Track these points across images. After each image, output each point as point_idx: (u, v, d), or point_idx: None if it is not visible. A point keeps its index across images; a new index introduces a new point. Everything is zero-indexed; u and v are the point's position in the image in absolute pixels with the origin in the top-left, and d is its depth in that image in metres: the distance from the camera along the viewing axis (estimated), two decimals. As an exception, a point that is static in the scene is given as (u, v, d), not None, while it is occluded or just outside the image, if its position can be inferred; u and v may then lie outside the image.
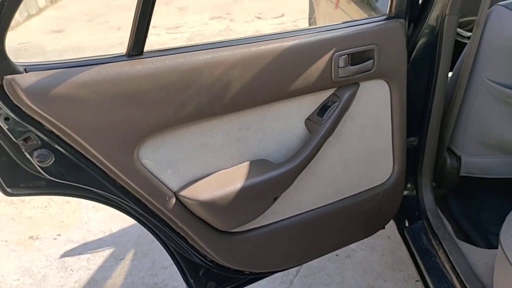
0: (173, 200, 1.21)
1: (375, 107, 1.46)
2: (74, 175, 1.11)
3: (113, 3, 7.66)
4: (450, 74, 1.64)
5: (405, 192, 1.74)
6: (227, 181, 1.25)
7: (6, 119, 1.01)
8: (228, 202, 1.23)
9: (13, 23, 0.94)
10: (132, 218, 1.25)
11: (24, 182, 1.11)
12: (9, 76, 0.98)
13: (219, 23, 6.14)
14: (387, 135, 1.52)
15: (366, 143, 1.49)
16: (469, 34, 1.97)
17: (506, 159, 1.73)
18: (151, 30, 1.08)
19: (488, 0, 1.42)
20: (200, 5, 7.07)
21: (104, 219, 2.60)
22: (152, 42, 5.54)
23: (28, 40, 6.07)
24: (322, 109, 1.36)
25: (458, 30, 2.25)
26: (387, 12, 1.42)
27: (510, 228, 1.26)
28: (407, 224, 1.73)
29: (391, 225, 1.82)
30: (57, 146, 1.06)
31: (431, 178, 1.71)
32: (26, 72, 1.00)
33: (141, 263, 2.27)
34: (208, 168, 1.26)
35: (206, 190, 1.22)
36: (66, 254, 2.38)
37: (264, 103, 1.26)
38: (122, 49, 1.12)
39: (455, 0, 1.42)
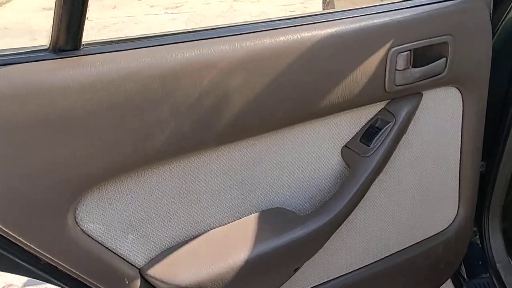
0: (138, 283, 0.76)
1: (440, 126, 1.00)
2: None
3: (110, -20, 7.13)
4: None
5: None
6: (222, 248, 0.80)
7: None
8: (224, 284, 0.79)
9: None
10: None
11: None
12: None
13: (222, 2, 5.63)
14: (453, 165, 1.07)
15: (425, 178, 1.04)
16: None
17: None
18: (148, 10, 0.62)
19: None
20: (202, -17, 6.55)
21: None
22: (150, 23, 5.06)
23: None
24: (368, 133, 0.90)
25: None
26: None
27: None
28: (466, 278, 1.29)
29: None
30: None
31: (500, 218, 1.26)
32: None
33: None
34: (192, 227, 0.81)
35: (188, 266, 0.77)
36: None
37: (282, 126, 0.81)
38: (116, 30, 0.65)
39: None
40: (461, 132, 1.04)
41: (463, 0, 0.92)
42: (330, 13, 0.83)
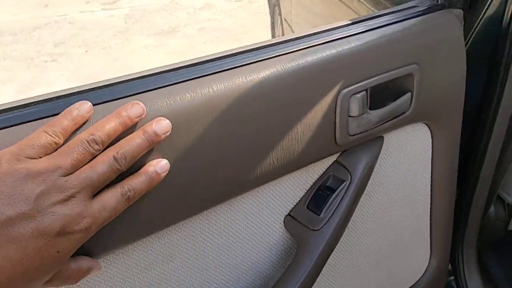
0: None
1: (406, 169, 0.81)
2: None
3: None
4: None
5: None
6: None
7: None
8: None
9: None
10: None
11: None
12: None
13: (164, -5, 5.32)
14: (423, 212, 0.88)
15: (391, 231, 0.85)
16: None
17: None
18: (83, 6, 0.39)
19: None
20: (141, -26, 6.19)
21: None
22: (86, 21, 4.69)
23: None
24: (317, 197, 0.69)
25: None
26: (430, -3, 0.75)
27: None
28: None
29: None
30: None
31: (476, 255, 1.09)
32: None
33: None
34: None
35: None
36: None
37: (197, 212, 0.59)
38: (50, 30, 0.42)
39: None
40: (431, 171, 0.85)
41: (429, 16, 0.72)
42: (256, 49, 0.61)
